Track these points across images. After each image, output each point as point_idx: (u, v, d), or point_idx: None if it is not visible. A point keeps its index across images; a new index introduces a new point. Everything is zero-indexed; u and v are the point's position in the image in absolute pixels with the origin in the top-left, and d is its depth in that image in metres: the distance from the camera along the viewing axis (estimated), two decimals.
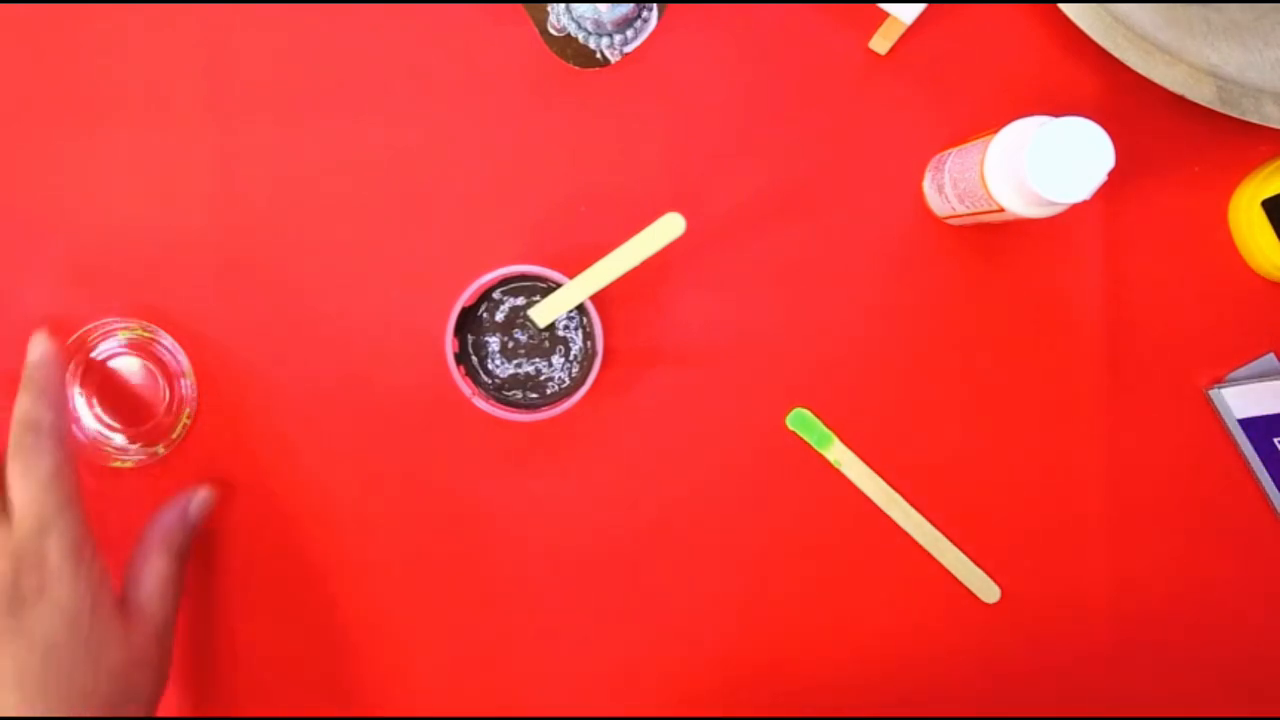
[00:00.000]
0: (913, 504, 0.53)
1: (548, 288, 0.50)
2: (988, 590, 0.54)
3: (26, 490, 0.44)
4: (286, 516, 0.54)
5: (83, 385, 0.53)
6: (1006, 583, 0.54)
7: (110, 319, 0.53)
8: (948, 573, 0.54)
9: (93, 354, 0.53)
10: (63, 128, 0.53)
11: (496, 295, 0.51)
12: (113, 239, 0.53)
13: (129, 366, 0.53)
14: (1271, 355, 0.53)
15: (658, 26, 0.53)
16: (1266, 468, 0.53)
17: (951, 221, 0.52)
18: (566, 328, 0.51)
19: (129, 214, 0.53)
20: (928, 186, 0.52)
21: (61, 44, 0.53)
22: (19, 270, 0.53)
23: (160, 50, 0.53)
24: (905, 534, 0.53)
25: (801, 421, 0.53)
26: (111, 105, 0.53)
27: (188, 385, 0.53)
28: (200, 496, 0.52)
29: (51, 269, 0.53)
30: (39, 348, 0.48)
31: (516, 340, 0.51)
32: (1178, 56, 0.49)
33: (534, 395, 0.52)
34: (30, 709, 0.42)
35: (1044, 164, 0.42)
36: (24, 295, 0.53)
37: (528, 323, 0.51)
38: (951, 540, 0.53)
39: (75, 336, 0.52)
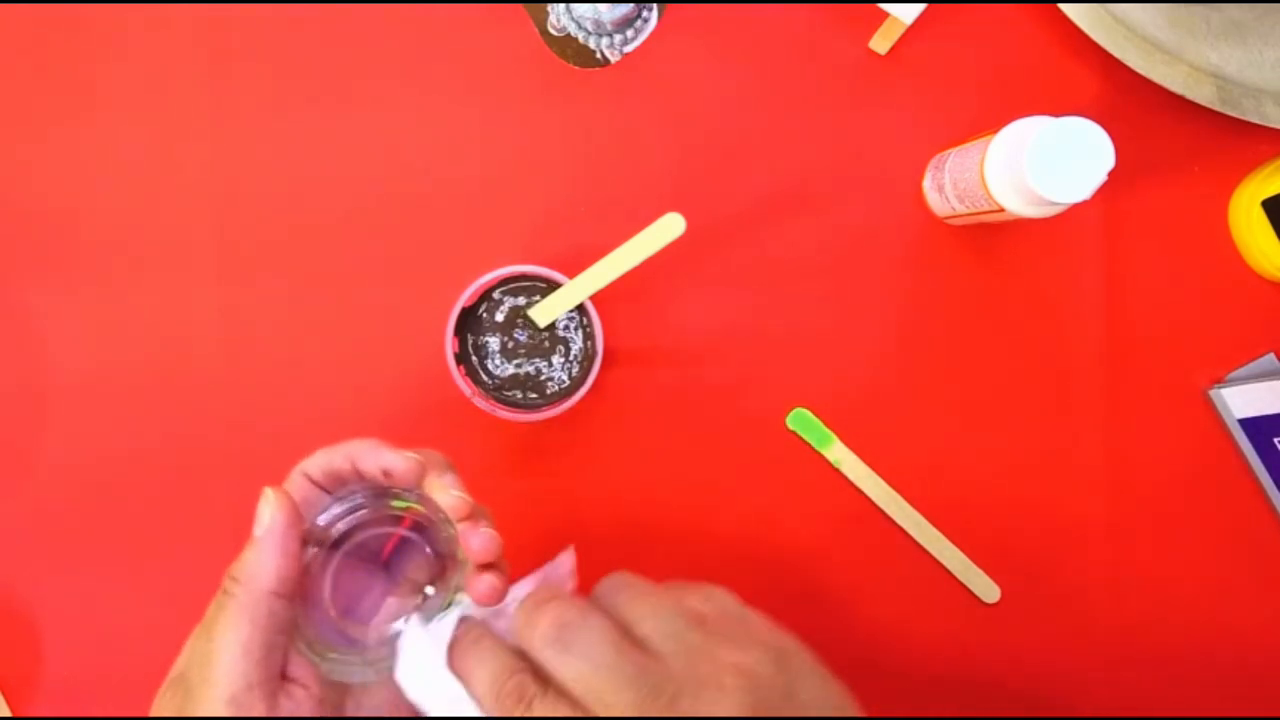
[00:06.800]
0: (913, 504, 0.53)
1: (548, 288, 0.50)
2: (988, 590, 0.53)
3: None
4: None
5: None
6: (1006, 583, 0.54)
7: None
8: (948, 573, 0.54)
9: None
10: (56, 119, 0.53)
11: (496, 295, 0.51)
12: (106, 235, 0.53)
13: None
14: (1271, 355, 0.53)
15: (658, 26, 0.53)
16: (1266, 468, 0.53)
17: (951, 221, 0.52)
18: (566, 328, 0.51)
19: (124, 209, 0.53)
20: (928, 186, 0.52)
21: (60, 43, 0.53)
22: (16, 270, 0.53)
23: (159, 48, 0.53)
24: (905, 534, 0.53)
25: (801, 421, 0.53)
26: (108, 98, 0.53)
27: None
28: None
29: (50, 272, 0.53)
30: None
31: (516, 340, 0.51)
32: (1178, 56, 0.49)
33: (534, 395, 0.51)
34: None
35: (1044, 164, 0.42)
36: (25, 296, 0.53)
37: (528, 323, 0.51)
38: (951, 540, 0.53)
39: None
